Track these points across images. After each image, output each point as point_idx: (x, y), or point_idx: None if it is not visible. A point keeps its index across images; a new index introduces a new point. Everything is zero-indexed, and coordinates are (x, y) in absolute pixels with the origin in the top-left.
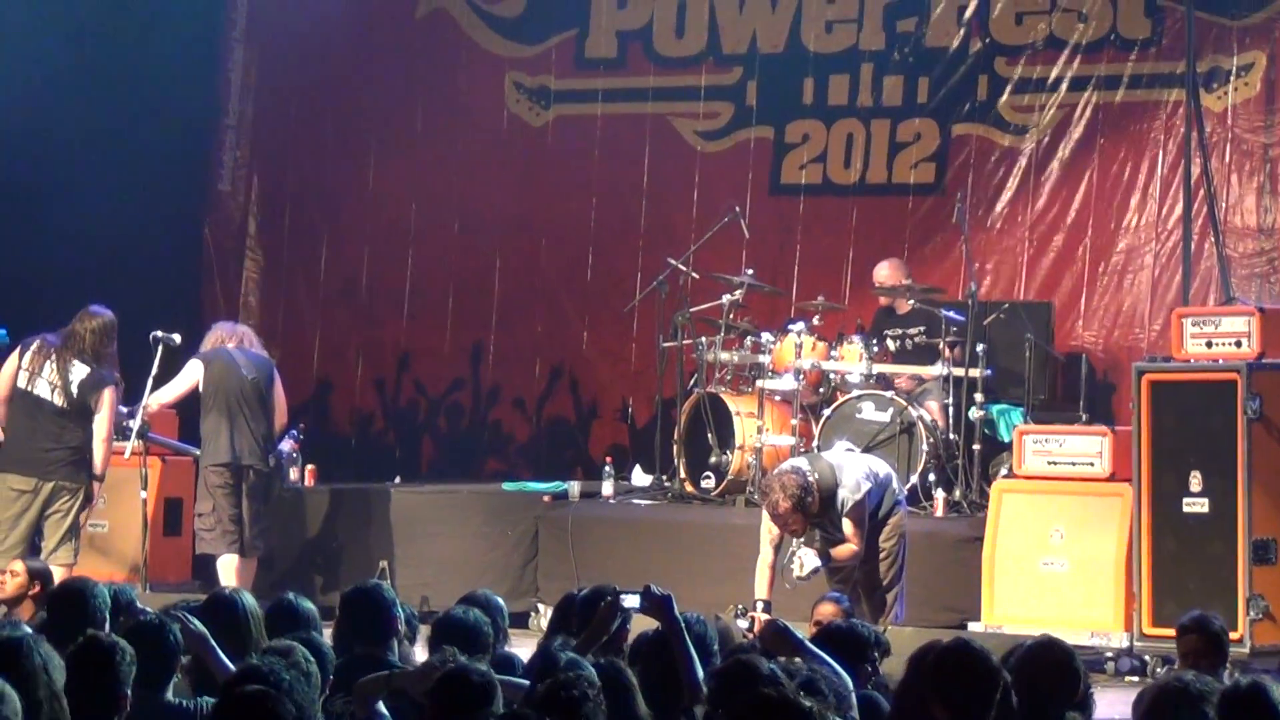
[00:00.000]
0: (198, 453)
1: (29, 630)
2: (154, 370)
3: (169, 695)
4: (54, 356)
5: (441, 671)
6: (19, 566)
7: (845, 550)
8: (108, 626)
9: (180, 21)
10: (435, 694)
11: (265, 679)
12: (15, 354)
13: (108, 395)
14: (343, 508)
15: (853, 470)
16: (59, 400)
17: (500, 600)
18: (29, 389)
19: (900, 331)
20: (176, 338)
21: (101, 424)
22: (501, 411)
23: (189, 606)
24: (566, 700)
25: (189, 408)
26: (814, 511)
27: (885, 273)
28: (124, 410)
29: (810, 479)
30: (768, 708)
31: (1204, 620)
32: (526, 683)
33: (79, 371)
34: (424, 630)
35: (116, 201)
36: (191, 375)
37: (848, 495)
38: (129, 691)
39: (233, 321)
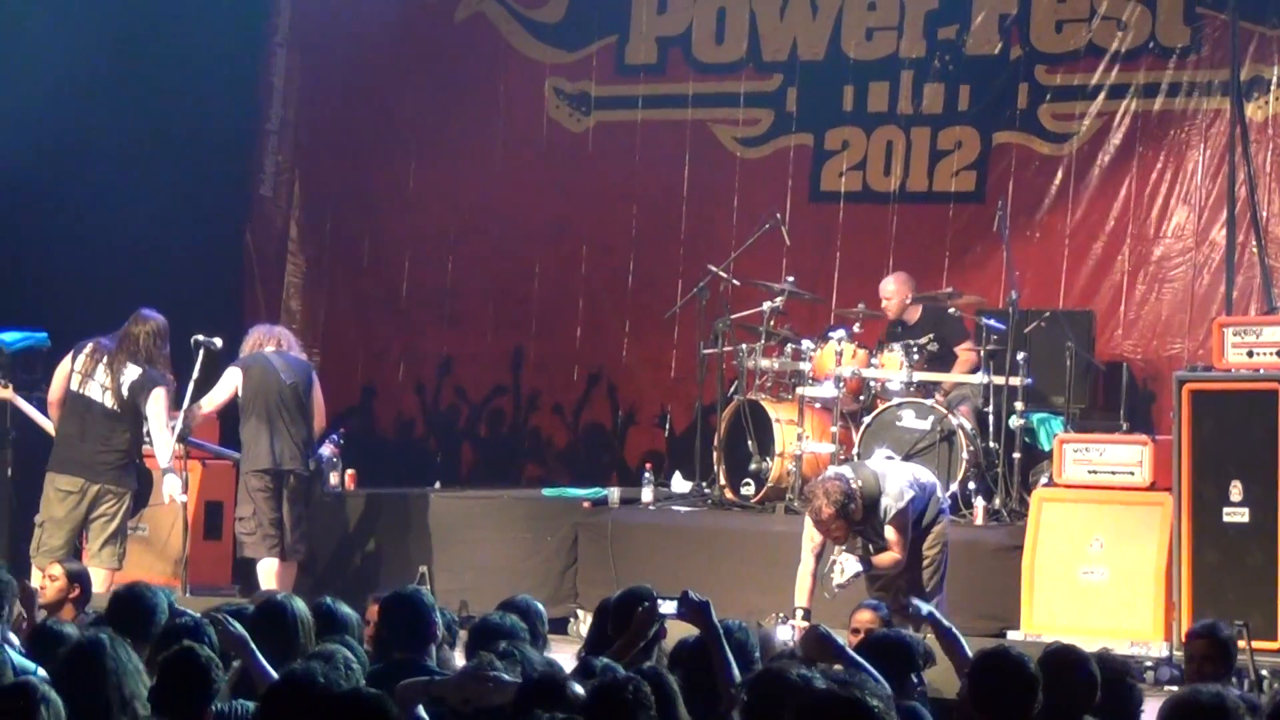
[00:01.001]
0: (238, 456)
1: (107, 635)
2: (195, 374)
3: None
4: (106, 359)
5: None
6: (57, 570)
7: (887, 558)
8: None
9: (222, 28)
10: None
11: (307, 683)
12: (68, 357)
13: (158, 395)
14: (383, 512)
15: (896, 478)
16: (110, 402)
17: (540, 605)
18: (81, 391)
19: (910, 342)
20: (218, 341)
21: (155, 422)
22: (541, 418)
23: (236, 610)
24: (619, 704)
25: (229, 413)
26: (857, 519)
27: (892, 287)
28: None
29: (854, 486)
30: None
31: (1214, 627)
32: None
33: (131, 373)
34: (463, 635)
35: (159, 207)
36: (230, 382)
37: (891, 503)
38: (214, 707)
39: (270, 323)
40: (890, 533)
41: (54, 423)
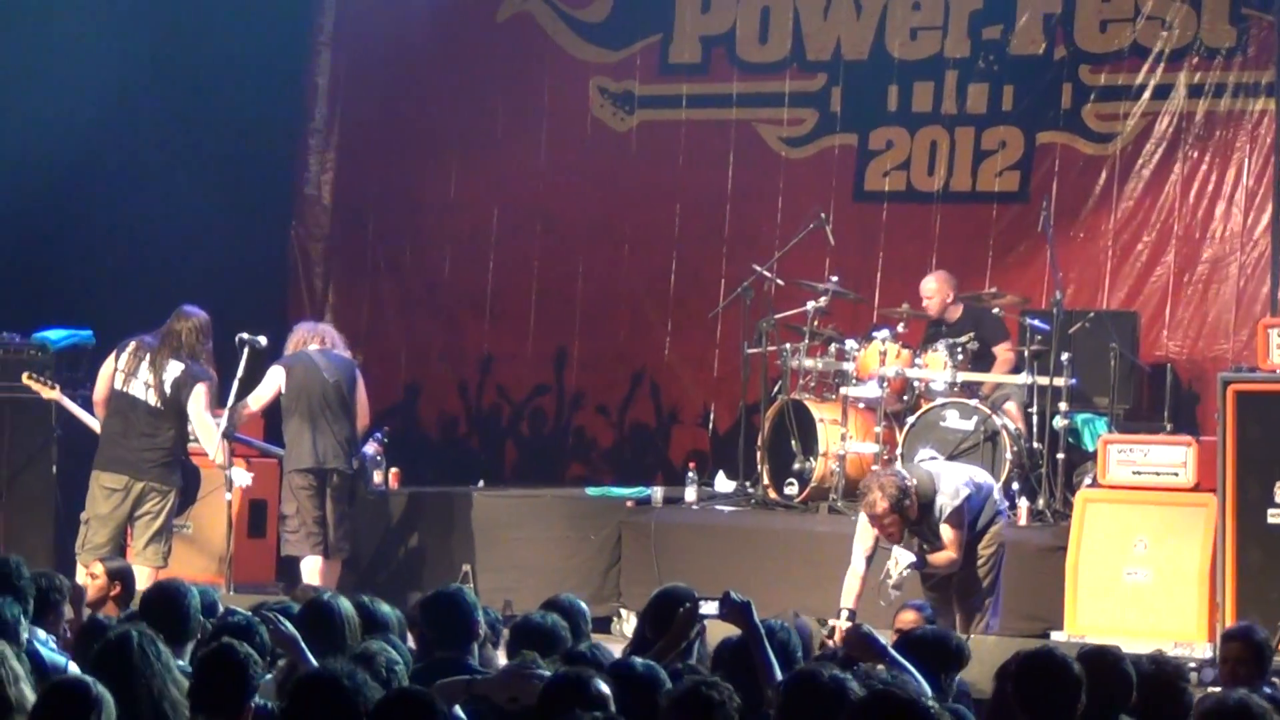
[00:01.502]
0: (283, 454)
1: (137, 630)
2: (239, 373)
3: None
4: (149, 357)
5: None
6: (99, 569)
7: (943, 557)
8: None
9: (267, 27)
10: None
11: (334, 680)
12: (111, 356)
13: (201, 390)
14: (426, 511)
15: (952, 478)
16: (153, 400)
17: (583, 604)
18: (124, 389)
19: (952, 341)
20: (262, 340)
21: (197, 416)
22: (584, 417)
23: (281, 608)
24: (705, 703)
25: (273, 411)
26: (912, 516)
27: (933, 285)
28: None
29: (909, 483)
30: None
31: (1249, 630)
32: None
33: (173, 370)
34: (506, 634)
35: (204, 205)
36: (274, 380)
37: (946, 501)
38: (254, 703)
39: (314, 321)
40: (946, 531)
41: (99, 421)
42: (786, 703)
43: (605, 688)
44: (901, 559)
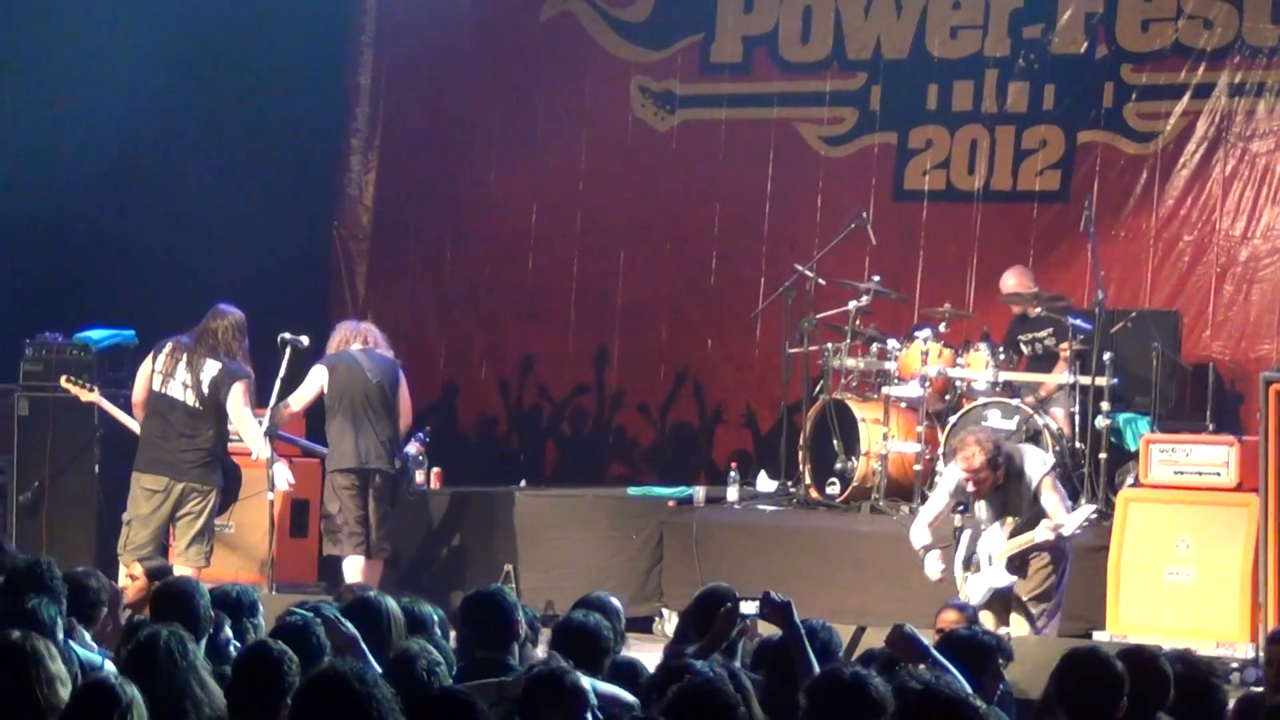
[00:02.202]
0: (325, 452)
1: (166, 630)
2: (281, 372)
3: None
4: (186, 357)
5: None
6: (138, 569)
7: (1043, 532)
8: (213, 627)
9: (309, 27)
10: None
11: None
12: (149, 358)
13: (239, 388)
14: (468, 511)
15: (1035, 453)
16: (192, 400)
17: (617, 603)
18: (163, 391)
19: (1031, 336)
20: (304, 339)
21: (236, 414)
22: (626, 416)
23: (311, 608)
24: (698, 702)
25: (315, 410)
26: (1000, 479)
27: (1013, 281)
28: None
29: (1005, 445)
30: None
31: None
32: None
33: (211, 369)
34: (546, 634)
35: (246, 205)
36: (316, 380)
37: (1037, 467)
38: (290, 701)
39: (356, 320)
40: (1050, 498)
41: (139, 422)
42: (810, 704)
43: (584, 682)
44: (995, 580)
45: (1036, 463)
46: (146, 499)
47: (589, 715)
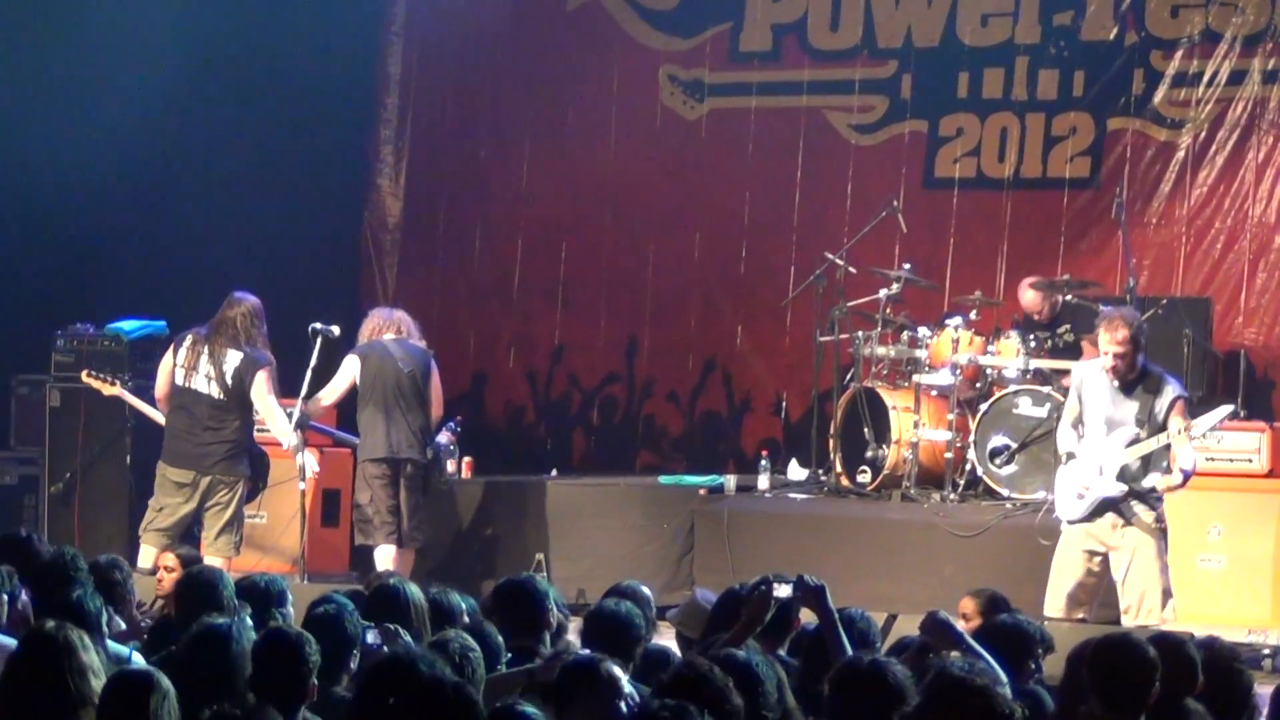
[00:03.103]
0: (358, 442)
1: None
2: (313, 362)
3: (342, 688)
4: (207, 349)
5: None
6: (171, 560)
7: (1172, 435)
8: (237, 616)
9: (340, 17)
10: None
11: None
12: (169, 352)
13: (262, 376)
14: (499, 500)
15: (1177, 378)
16: (216, 392)
17: (647, 591)
18: (187, 384)
19: (1046, 334)
20: (335, 329)
21: (261, 401)
22: (654, 405)
23: (351, 594)
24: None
25: (347, 400)
26: (1139, 364)
27: (1030, 296)
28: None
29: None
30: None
31: None
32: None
33: (233, 359)
34: (575, 623)
35: (276, 196)
36: (349, 371)
37: (1177, 386)
38: (315, 682)
39: (389, 308)
40: (1177, 422)
41: (164, 415)
42: (831, 693)
43: (617, 670)
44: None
45: (1177, 384)
46: (174, 490)
47: (622, 705)
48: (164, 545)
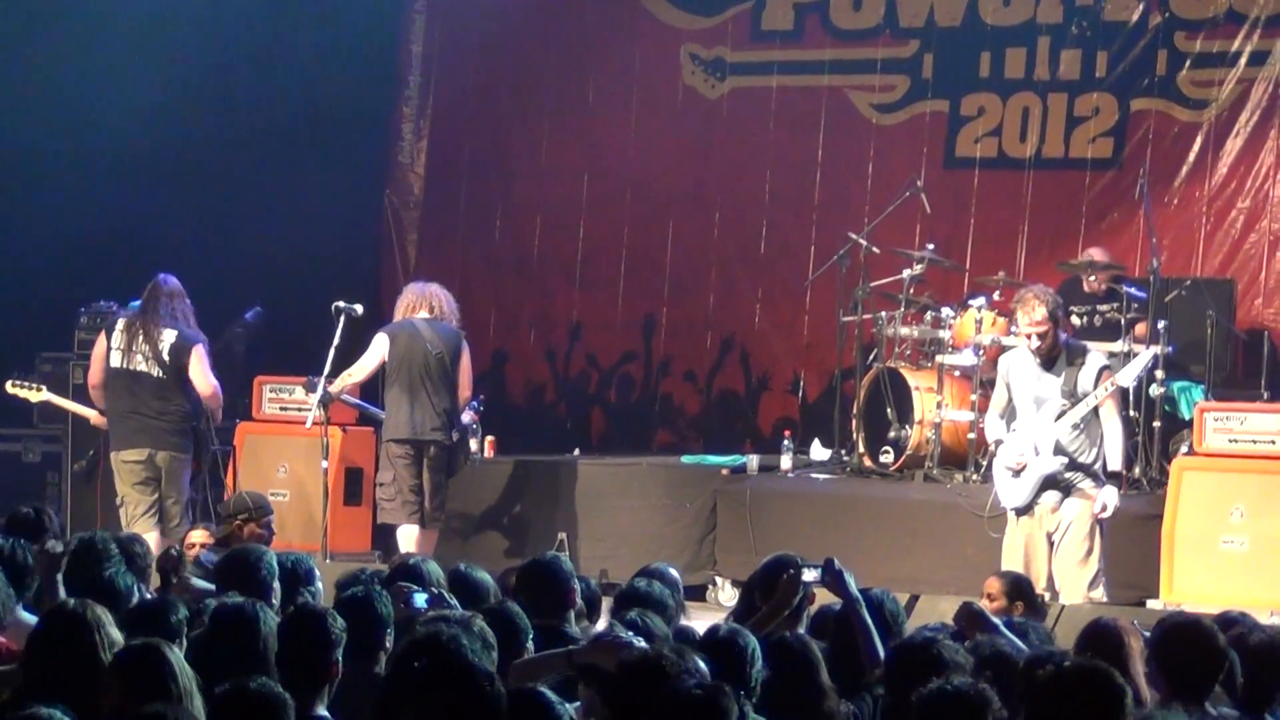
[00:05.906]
0: (384, 415)
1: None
2: (336, 340)
3: (380, 667)
4: (142, 330)
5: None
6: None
7: (1102, 392)
8: (278, 595)
9: None
10: None
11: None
12: (101, 336)
13: (196, 354)
14: (522, 479)
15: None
16: (156, 371)
17: (675, 573)
18: (126, 366)
19: (1090, 307)
20: (358, 308)
21: (199, 377)
22: (672, 384)
23: (373, 574)
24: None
25: (373, 377)
26: (1061, 333)
27: (1097, 251)
28: (314, 379)
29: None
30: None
31: None
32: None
33: (169, 337)
34: (607, 603)
35: (299, 173)
36: (378, 349)
37: (1099, 357)
38: (339, 658)
39: (424, 282)
40: (1101, 392)
41: (96, 405)
42: (889, 670)
43: (700, 663)
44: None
45: (1100, 355)
46: (131, 473)
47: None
48: (157, 528)
